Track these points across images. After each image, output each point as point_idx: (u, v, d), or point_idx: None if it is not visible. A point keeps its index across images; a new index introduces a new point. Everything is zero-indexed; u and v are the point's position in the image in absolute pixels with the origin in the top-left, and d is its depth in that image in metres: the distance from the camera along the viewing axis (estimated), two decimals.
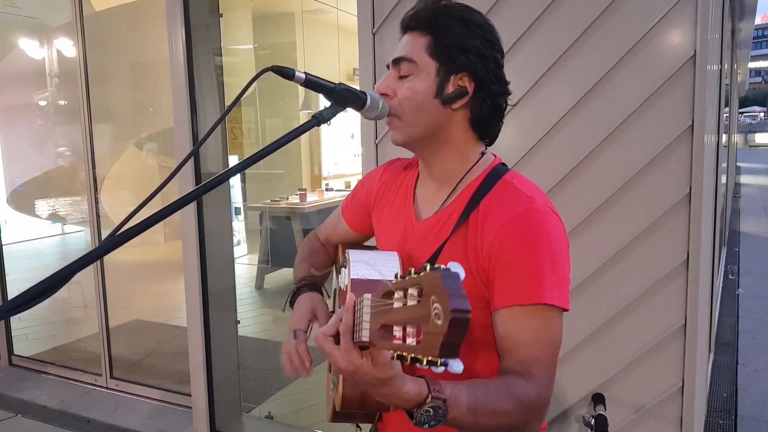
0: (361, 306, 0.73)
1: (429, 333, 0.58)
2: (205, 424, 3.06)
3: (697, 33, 1.83)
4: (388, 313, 0.66)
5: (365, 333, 0.71)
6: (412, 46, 1.03)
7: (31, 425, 3.33)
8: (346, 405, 0.95)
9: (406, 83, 1.03)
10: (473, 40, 1.01)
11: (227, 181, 3.53)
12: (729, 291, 5.89)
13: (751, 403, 3.55)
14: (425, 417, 0.78)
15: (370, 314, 0.70)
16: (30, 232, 6.53)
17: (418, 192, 1.14)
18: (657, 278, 1.96)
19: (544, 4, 1.99)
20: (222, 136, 3.27)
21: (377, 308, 0.69)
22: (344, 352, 0.77)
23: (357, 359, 0.76)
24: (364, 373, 0.77)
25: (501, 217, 0.97)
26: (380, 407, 0.96)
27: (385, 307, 0.67)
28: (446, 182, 1.08)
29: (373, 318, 0.70)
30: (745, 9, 6.93)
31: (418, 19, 1.03)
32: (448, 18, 1.01)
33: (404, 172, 1.21)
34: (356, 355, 0.76)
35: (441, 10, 1.02)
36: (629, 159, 1.94)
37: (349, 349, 0.76)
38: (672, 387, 1.99)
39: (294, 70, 0.96)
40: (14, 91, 4.91)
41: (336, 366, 0.79)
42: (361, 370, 0.76)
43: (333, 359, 0.79)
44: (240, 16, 6.14)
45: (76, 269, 0.80)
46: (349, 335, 0.77)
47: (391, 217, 1.18)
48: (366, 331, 0.70)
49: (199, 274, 2.97)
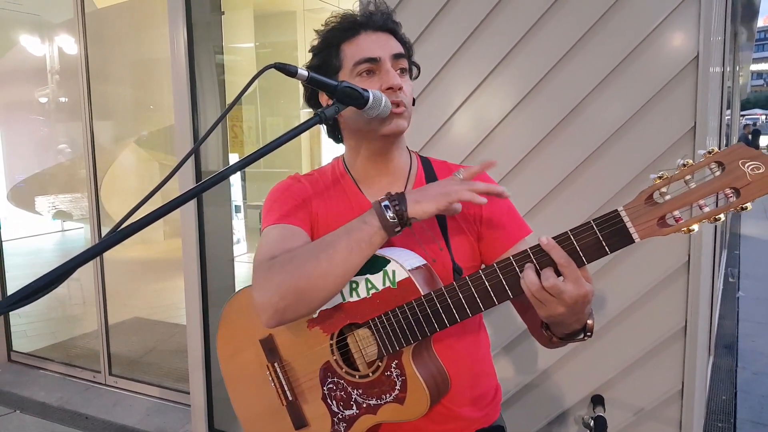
0: (612, 220, 0.87)
1: (750, 183, 0.80)
2: (203, 422, 3.05)
3: (699, 35, 1.82)
4: (675, 200, 0.84)
5: (635, 236, 0.86)
6: (400, 47, 1.13)
7: (30, 421, 3.32)
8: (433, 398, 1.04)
9: (407, 78, 1.14)
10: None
11: (227, 180, 3.54)
12: (729, 294, 5.88)
13: (751, 406, 3.55)
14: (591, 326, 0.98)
15: (631, 219, 0.86)
16: (30, 229, 6.52)
17: (367, 193, 1.16)
18: (657, 280, 1.96)
19: (547, 4, 1.99)
20: (223, 135, 3.26)
21: (643, 209, 0.86)
22: (577, 280, 0.89)
23: (584, 282, 0.90)
24: (590, 292, 0.91)
25: None
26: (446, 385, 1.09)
27: (661, 200, 0.85)
28: (399, 175, 1.18)
29: (644, 218, 0.86)
30: (747, 11, 6.92)
31: (392, 25, 1.14)
32: (402, 31, 1.17)
33: (331, 185, 1.18)
34: (583, 278, 0.89)
35: (398, 23, 1.16)
36: (631, 161, 1.94)
37: (579, 275, 0.89)
38: (671, 389, 1.99)
39: (297, 67, 0.96)
40: (15, 88, 4.92)
41: (570, 299, 0.89)
42: (590, 289, 0.90)
43: (567, 295, 0.89)
44: (241, 15, 6.13)
45: (76, 266, 0.80)
46: (574, 265, 0.89)
47: (341, 223, 1.05)
48: (635, 234, 0.86)
49: (198, 273, 2.97)
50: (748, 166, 0.81)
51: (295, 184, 1.19)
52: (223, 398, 3.12)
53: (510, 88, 2.08)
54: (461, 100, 2.15)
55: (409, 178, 1.18)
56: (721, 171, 0.83)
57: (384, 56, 1.09)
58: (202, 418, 3.05)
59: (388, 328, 1.01)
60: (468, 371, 1.15)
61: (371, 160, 1.16)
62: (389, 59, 1.09)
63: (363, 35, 1.11)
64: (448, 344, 1.11)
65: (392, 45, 1.11)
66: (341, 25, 1.13)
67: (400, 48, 1.12)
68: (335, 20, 1.14)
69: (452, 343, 1.12)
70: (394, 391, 1.04)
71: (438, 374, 1.06)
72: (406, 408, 1.03)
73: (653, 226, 0.86)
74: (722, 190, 0.83)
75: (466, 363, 1.15)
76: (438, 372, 1.06)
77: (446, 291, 0.97)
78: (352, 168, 1.19)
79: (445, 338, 1.10)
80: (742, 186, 0.82)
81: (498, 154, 2.11)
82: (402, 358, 1.02)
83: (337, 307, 1.06)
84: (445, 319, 0.98)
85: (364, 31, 1.11)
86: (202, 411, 3.05)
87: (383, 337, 1.02)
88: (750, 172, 0.81)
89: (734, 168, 0.82)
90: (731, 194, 0.82)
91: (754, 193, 0.81)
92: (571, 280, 0.89)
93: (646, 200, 0.86)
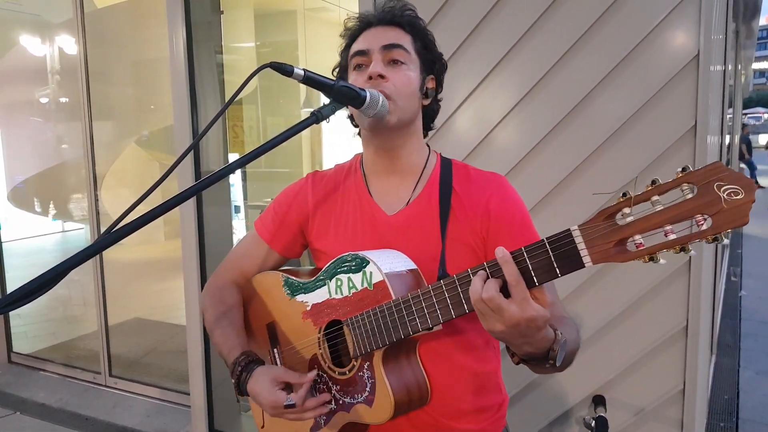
0: (563, 240, 0.80)
1: (724, 211, 0.69)
2: (203, 423, 3.05)
3: (700, 33, 1.81)
4: (636, 224, 0.75)
5: (586, 259, 0.78)
6: (401, 39, 1.10)
7: (30, 422, 3.32)
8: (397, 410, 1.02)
9: (402, 70, 1.09)
10: (437, 50, 1.17)
11: (227, 180, 3.53)
12: (731, 293, 5.87)
13: (753, 406, 3.54)
14: (561, 350, 0.88)
15: (584, 241, 0.78)
16: (30, 230, 6.52)
17: (373, 190, 1.16)
18: (659, 280, 1.95)
19: (546, 3, 1.98)
20: (222, 134, 3.26)
21: (600, 230, 0.77)
22: (522, 301, 0.82)
23: (535, 304, 0.82)
24: (540, 317, 0.82)
25: (483, 193, 1.10)
26: (422, 403, 1.06)
27: (622, 222, 0.75)
28: (410, 174, 1.15)
29: (599, 240, 0.77)
30: (749, 9, 6.91)
31: (400, 17, 1.11)
32: (420, 25, 1.14)
33: (341, 180, 1.21)
34: (533, 301, 0.82)
35: (414, 16, 1.14)
36: (632, 159, 1.93)
37: (528, 297, 0.82)
38: (673, 389, 1.98)
39: (293, 66, 0.95)
40: (15, 88, 4.91)
41: (510, 320, 0.82)
42: (539, 314, 0.82)
43: (507, 314, 0.82)
44: (241, 14, 6.11)
45: (74, 265, 0.80)
46: (523, 283, 0.82)
47: (342, 223, 1.16)
48: (587, 257, 0.78)
49: (198, 273, 2.97)
50: (725, 190, 0.70)
51: (299, 189, 1.24)
52: (223, 399, 3.12)
53: (511, 87, 2.07)
54: (461, 99, 2.14)
55: (421, 178, 1.15)
56: (692, 193, 0.72)
57: (372, 48, 1.08)
58: (202, 419, 3.05)
59: (361, 329, 1.02)
60: (467, 385, 1.12)
61: (378, 156, 1.16)
62: (378, 51, 1.07)
63: (367, 32, 1.12)
64: (447, 356, 1.09)
65: (387, 36, 1.09)
66: (353, 24, 1.15)
67: (395, 39, 1.09)
68: (350, 22, 1.16)
69: (452, 355, 1.10)
70: (364, 393, 1.04)
71: (414, 383, 1.05)
72: (373, 411, 1.03)
73: (608, 250, 0.77)
74: (693, 216, 0.72)
75: (465, 376, 1.11)
76: (415, 381, 1.05)
77: (412, 299, 0.96)
78: (365, 163, 1.21)
79: (443, 350, 1.09)
80: (715, 213, 0.70)
81: (498, 153, 2.11)
82: (373, 360, 1.03)
83: (325, 303, 1.09)
84: (409, 326, 0.96)
85: (369, 28, 1.12)
86: (202, 412, 3.04)
87: (357, 337, 1.03)
88: (726, 196, 0.70)
89: (708, 190, 0.70)
90: (702, 221, 0.71)
91: (727, 222, 0.70)
92: (516, 301, 0.82)
93: (605, 219, 0.77)
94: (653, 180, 0.74)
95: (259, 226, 1.26)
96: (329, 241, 1.17)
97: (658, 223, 0.74)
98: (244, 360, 1.11)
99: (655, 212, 0.74)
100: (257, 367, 1.09)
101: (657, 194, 0.73)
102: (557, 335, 0.90)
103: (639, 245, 0.75)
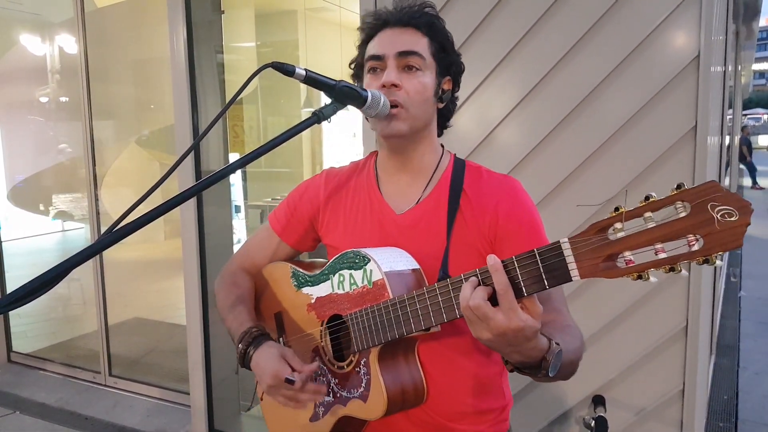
0: (553, 251, 0.79)
1: (716, 232, 0.67)
2: (203, 422, 3.05)
3: (701, 34, 1.81)
4: (627, 240, 0.73)
5: (574, 273, 0.77)
6: (417, 43, 1.08)
7: (30, 422, 3.32)
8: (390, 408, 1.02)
9: (417, 77, 1.07)
10: (455, 51, 1.16)
11: (227, 180, 3.53)
12: (731, 293, 5.87)
13: (752, 406, 3.54)
14: (555, 360, 0.87)
15: (573, 255, 0.77)
16: (30, 229, 6.52)
17: (384, 189, 1.17)
18: (658, 280, 1.95)
19: (547, 4, 1.98)
20: (223, 134, 3.26)
21: (591, 244, 0.75)
22: (509, 311, 0.81)
23: (523, 314, 0.81)
24: (528, 328, 0.81)
25: (493, 196, 1.10)
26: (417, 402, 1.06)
27: (614, 237, 0.74)
28: (421, 174, 1.15)
29: (588, 254, 0.76)
30: (749, 10, 6.91)
31: (417, 19, 1.09)
32: (439, 25, 1.12)
33: (354, 177, 1.22)
34: (521, 311, 0.81)
35: (433, 15, 1.12)
36: (632, 160, 1.93)
37: (515, 307, 0.81)
38: (673, 389, 1.98)
39: (294, 66, 0.95)
40: (15, 88, 4.91)
41: (496, 329, 0.82)
42: (527, 325, 0.81)
43: (494, 323, 0.82)
44: (242, 14, 6.12)
45: (74, 264, 0.80)
46: (511, 293, 0.81)
47: (351, 219, 1.18)
48: (575, 271, 0.77)
49: (198, 273, 2.97)
50: (719, 211, 0.68)
51: (313, 184, 1.25)
52: (223, 398, 3.12)
53: (511, 88, 2.07)
54: (463, 98, 2.14)
55: (432, 178, 1.15)
56: (686, 211, 0.70)
57: (388, 53, 1.07)
58: (202, 419, 3.05)
59: (360, 325, 1.03)
60: (467, 387, 1.11)
61: (389, 155, 1.17)
62: (393, 57, 1.07)
63: (383, 32, 1.11)
64: (447, 357, 1.09)
65: (403, 41, 1.07)
66: (369, 23, 1.14)
67: (410, 45, 1.07)
68: (368, 18, 1.14)
69: (452, 357, 1.10)
70: (360, 388, 1.06)
71: (410, 382, 1.05)
72: (367, 407, 1.05)
73: (597, 265, 0.75)
74: (684, 236, 0.70)
75: (465, 378, 1.11)
76: (411, 380, 1.05)
77: (407, 299, 0.96)
78: (378, 161, 1.21)
79: (444, 350, 1.09)
80: (707, 234, 0.68)
81: (500, 152, 2.11)
82: (369, 357, 1.04)
83: (328, 297, 1.11)
84: (404, 326, 0.97)
85: (386, 28, 1.11)
86: (202, 411, 3.04)
87: (356, 333, 1.04)
88: (719, 218, 0.68)
89: (702, 210, 0.68)
90: (694, 242, 0.69)
91: (719, 244, 0.68)
92: (504, 310, 0.81)
93: (597, 233, 0.75)
94: (647, 195, 0.72)
95: (272, 218, 1.28)
96: (338, 236, 1.19)
97: (648, 241, 0.72)
98: (258, 331, 1.12)
99: (646, 229, 0.72)
100: (269, 340, 1.11)
101: (650, 211, 0.72)
102: (552, 345, 0.88)
103: (629, 261, 0.74)
